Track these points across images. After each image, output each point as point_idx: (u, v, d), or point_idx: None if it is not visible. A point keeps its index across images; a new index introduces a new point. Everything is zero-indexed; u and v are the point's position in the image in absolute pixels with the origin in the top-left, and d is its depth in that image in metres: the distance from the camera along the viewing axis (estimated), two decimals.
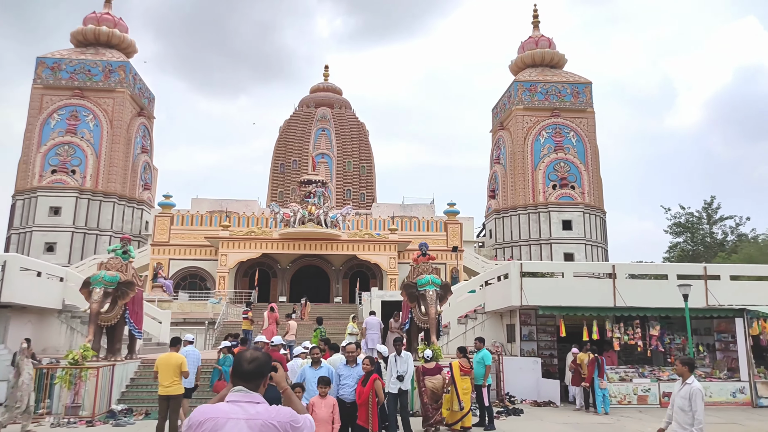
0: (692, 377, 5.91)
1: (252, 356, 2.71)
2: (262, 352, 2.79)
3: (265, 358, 2.74)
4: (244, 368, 2.65)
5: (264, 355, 2.75)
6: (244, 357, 2.71)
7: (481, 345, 10.96)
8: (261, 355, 2.74)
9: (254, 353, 2.74)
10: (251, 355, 2.73)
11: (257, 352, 2.75)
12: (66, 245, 38.40)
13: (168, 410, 8.61)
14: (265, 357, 2.74)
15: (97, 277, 13.05)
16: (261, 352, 2.77)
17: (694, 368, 6.06)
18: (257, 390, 2.67)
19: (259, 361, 2.69)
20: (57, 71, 42.97)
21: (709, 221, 40.07)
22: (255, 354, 2.74)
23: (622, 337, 13.80)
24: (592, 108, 49.27)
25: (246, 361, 2.67)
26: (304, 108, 54.46)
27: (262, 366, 2.68)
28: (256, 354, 2.74)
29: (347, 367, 7.59)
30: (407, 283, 13.84)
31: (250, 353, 2.74)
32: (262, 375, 2.68)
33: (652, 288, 14.81)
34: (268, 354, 2.83)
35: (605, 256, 46.86)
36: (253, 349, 2.87)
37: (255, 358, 2.70)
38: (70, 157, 40.74)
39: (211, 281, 35.29)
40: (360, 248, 35.28)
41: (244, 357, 2.71)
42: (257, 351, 2.79)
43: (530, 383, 13.82)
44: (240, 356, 2.73)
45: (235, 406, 2.57)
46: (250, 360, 2.68)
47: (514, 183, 47.18)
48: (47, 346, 16.66)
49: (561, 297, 14.32)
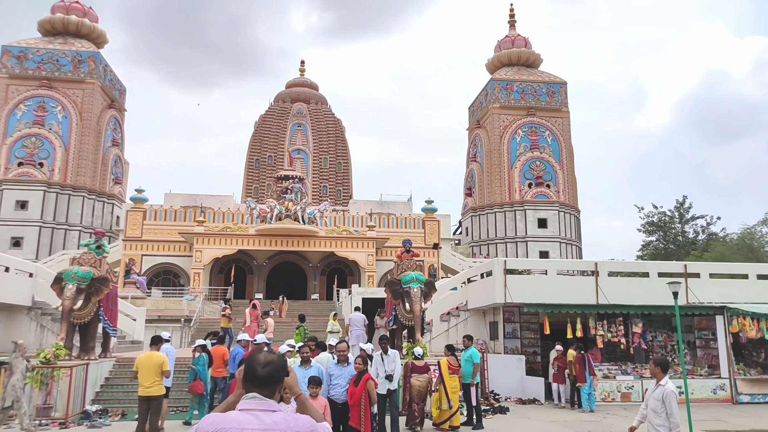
0: (666, 378, 5.77)
1: (266, 359, 2.45)
2: (277, 355, 2.52)
3: (281, 361, 2.48)
4: (257, 372, 2.38)
5: (279, 358, 2.49)
6: (258, 360, 2.44)
7: (469, 343, 10.84)
8: (276, 358, 2.47)
9: (268, 356, 2.47)
10: (265, 357, 2.46)
11: (271, 355, 2.49)
12: (33, 240, 37.13)
13: (149, 411, 8.24)
14: (280, 360, 2.48)
15: (69, 273, 12.51)
16: (275, 355, 2.51)
17: (668, 369, 5.91)
18: (272, 396, 2.40)
19: (274, 364, 2.43)
20: (23, 60, 41.46)
21: (681, 220, 40.94)
22: (269, 357, 2.47)
23: (605, 334, 13.86)
24: (567, 108, 49.84)
25: (260, 365, 2.40)
26: (280, 103, 53.75)
27: (277, 370, 2.42)
28: (270, 357, 2.47)
29: (338, 367, 7.34)
30: (391, 280, 13.66)
31: (263, 356, 2.47)
32: (278, 380, 2.42)
33: (634, 286, 14.94)
34: (283, 356, 2.56)
35: (579, 254, 47.55)
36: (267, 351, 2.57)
37: (269, 361, 2.44)
38: (38, 149, 39.39)
39: (185, 278, 34.55)
40: (338, 245, 34.99)
41: (257, 360, 2.44)
42: (271, 353, 2.53)
43: (514, 381, 13.79)
44: (252, 359, 2.46)
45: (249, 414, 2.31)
46: (264, 363, 2.41)
47: (491, 181, 47.43)
48: None
49: (545, 294, 14.32)
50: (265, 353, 2.49)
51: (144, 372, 8.19)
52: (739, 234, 33.21)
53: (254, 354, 2.49)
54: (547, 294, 14.31)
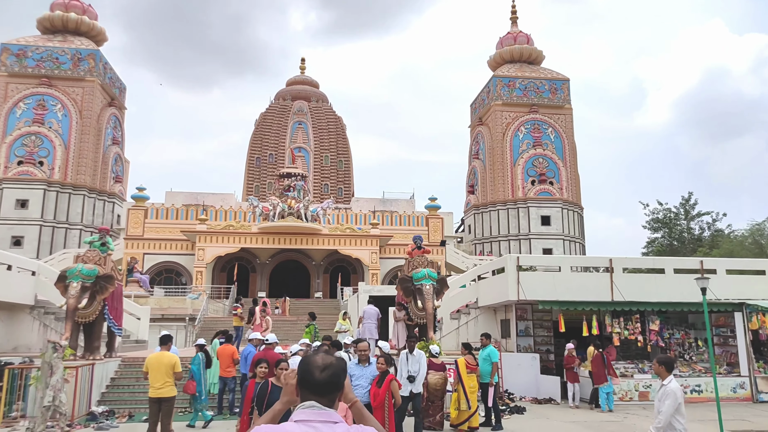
0: (670, 377, 5.52)
1: (324, 362, 2.12)
2: (336, 357, 2.20)
3: (340, 364, 2.16)
4: (315, 378, 2.07)
5: (339, 361, 2.17)
6: (314, 363, 2.12)
7: (487, 341, 10.52)
8: (335, 361, 2.15)
9: (326, 358, 2.15)
10: (323, 360, 2.13)
11: (329, 357, 2.17)
12: (34, 239, 36.80)
13: (159, 414, 7.94)
14: (339, 363, 2.16)
15: (73, 271, 12.20)
16: (334, 357, 2.19)
17: (672, 368, 5.66)
18: (332, 405, 2.09)
19: (333, 368, 2.11)
20: (23, 58, 41.08)
21: (687, 217, 40.67)
22: (327, 359, 2.14)
23: (621, 331, 13.57)
24: (570, 104, 49.52)
25: (317, 369, 2.09)
26: (281, 101, 53.40)
27: (337, 374, 2.11)
28: (328, 359, 2.15)
29: (359, 367, 7.00)
30: (402, 277, 13.36)
31: (321, 358, 2.15)
32: (339, 386, 2.12)
33: (649, 282, 14.63)
34: (342, 359, 2.24)
35: (583, 251, 47.27)
36: (324, 353, 2.22)
37: (328, 364, 2.12)
38: (38, 147, 39.02)
39: (187, 276, 34.24)
40: (341, 243, 34.69)
41: (313, 363, 2.12)
42: (328, 355, 2.20)
43: (529, 380, 13.50)
44: (308, 362, 2.13)
45: (306, 426, 2.00)
46: (323, 367, 2.10)
47: (494, 178, 47.14)
48: (18, 344, 15.66)
49: (559, 291, 14.01)
50: (323, 355, 2.16)
51: (155, 373, 7.88)
52: (748, 230, 32.93)
53: (310, 356, 2.17)
54: (561, 291, 14.00)
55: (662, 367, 5.55)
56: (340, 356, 2.27)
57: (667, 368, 5.54)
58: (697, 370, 13.62)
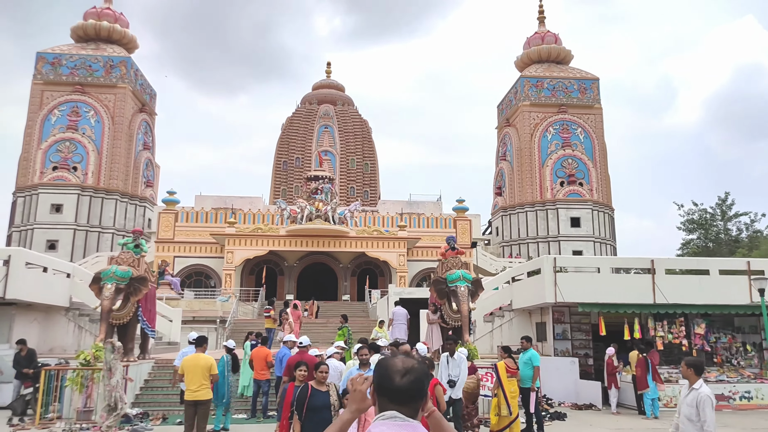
0: (700, 381, 5.04)
1: (405, 366, 1.86)
2: (417, 360, 1.94)
3: (423, 368, 1.90)
4: (396, 384, 1.81)
5: (420, 365, 1.90)
6: (394, 367, 1.86)
7: (528, 344, 10.16)
8: (416, 364, 1.89)
9: (407, 361, 1.89)
10: (403, 364, 1.87)
11: (410, 360, 1.91)
12: (68, 243, 37.58)
13: (195, 417, 7.81)
14: (422, 367, 1.90)
15: (108, 272, 12.24)
16: (415, 359, 1.93)
17: (702, 371, 5.19)
18: (416, 416, 1.84)
19: (415, 372, 1.85)
20: (57, 66, 42.08)
21: (723, 218, 39.42)
22: (408, 363, 1.88)
23: (665, 335, 13.04)
24: (600, 104, 48.59)
25: (397, 373, 1.83)
26: (307, 105, 53.62)
27: (420, 380, 1.85)
28: (409, 362, 1.88)
29: None
30: (436, 279, 13.07)
31: (401, 361, 1.88)
32: (422, 393, 1.85)
33: (693, 284, 14.05)
34: (424, 363, 1.97)
35: (614, 253, 46.24)
36: (404, 355, 1.97)
37: (409, 368, 1.85)
38: (72, 153, 39.88)
39: (216, 279, 34.50)
40: (368, 245, 34.52)
41: (393, 367, 1.86)
42: (408, 357, 1.93)
43: (568, 385, 13.06)
44: (387, 366, 1.87)
45: None
46: (404, 371, 1.84)
47: (521, 180, 46.48)
48: (54, 345, 15.85)
49: (598, 293, 13.56)
50: (403, 358, 1.91)
51: (191, 375, 7.75)
52: None
53: (388, 359, 1.90)
54: (600, 293, 13.54)
55: (691, 370, 5.10)
56: (423, 359, 1.96)
57: (696, 371, 5.09)
58: (745, 375, 13.00)
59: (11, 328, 13.96)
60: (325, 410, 5.72)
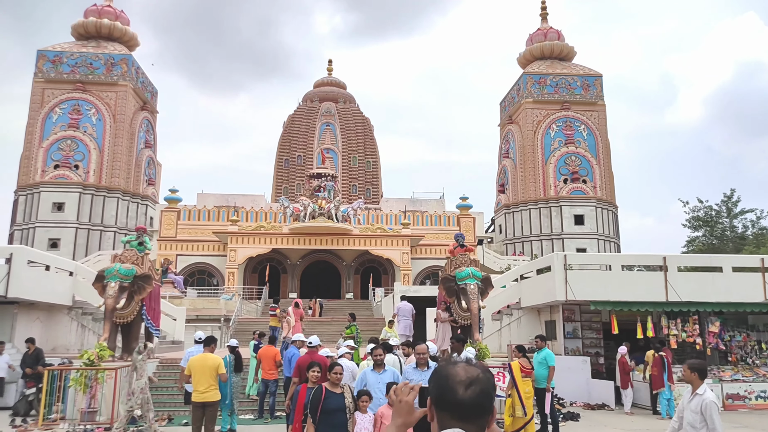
0: (704, 386, 4.69)
1: (469, 375, 1.56)
2: (481, 368, 1.64)
3: (489, 378, 1.61)
4: (460, 397, 1.53)
5: (486, 374, 1.61)
6: (456, 376, 1.56)
7: (542, 343, 9.93)
8: (481, 374, 1.59)
9: (470, 369, 1.59)
10: (466, 372, 1.57)
11: (473, 368, 1.61)
12: (70, 241, 37.38)
13: (203, 419, 7.59)
14: (488, 377, 1.60)
15: (111, 270, 12.03)
16: (479, 368, 1.63)
17: (705, 374, 4.84)
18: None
19: (481, 383, 1.56)
20: (58, 64, 41.84)
21: (729, 215, 39.09)
22: (472, 371, 1.58)
23: (679, 334, 12.81)
24: (603, 101, 48.29)
25: (461, 384, 1.54)
26: (308, 103, 53.37)
27: (488, 392, 1.56)
28: (473, 371, 1.58)
29: (418, 371, 6.50)
30: (445, 277, 12.84)
31: (463, 369, 1.58)
32: (490, 408, 1.57)
33: (707, 281, 13.81)
34: (489, 371, 1.69)
35: (618, 251, 45.96)
36: (466, 362, 1.66)
37: (474, 378, 1.56)
38: (73, 151, 39.66)
39: (219, 277, 34.30)
40: (372, 243, 34.31)
41: (455, 377, 1.56)
42: (470, 364, 1.63)
43: (579, 384, 12.83)
44: (447, 375, 1.58)
45: None
46: (468, 381, 1.54)
47: (525, 177, 46.23)
48: (57, 345, 15.65)
49: (609, 291, 13.33)
50: (464, 365, 1.61)
51: (198, 375, 7.53)
52: None
53: (447, 367, 1.61)
54: (612, 291, 13.31)
55: (695, 374, 4.70)
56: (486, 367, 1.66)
57: (700, 375, 4.71)
58: (761, 374, 12.77)
59: (13, 328, 13.76)
60: (340, 413, 5.50)
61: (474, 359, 9.23)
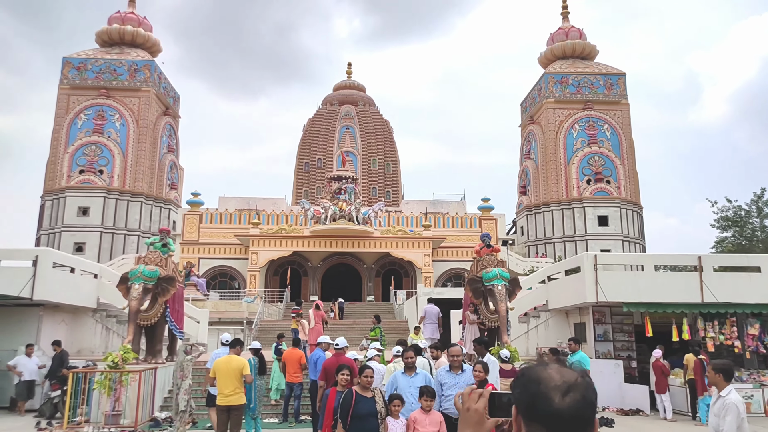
0: (729, 387, 4.30)
1: (566, 379, 1.31)
2: (578, 371, 1.38)
3: (589, 383, 1.34)
4: (556, 406, 1.27)
5: (585, 379, 1.34)
6: (550, 381, 1.31)
7: (576, 346, 9.61)
8: (579, 378, 1.33)
9: (566, 372, 1.33)
10: (562, 376, 1.32)
11: (569, 371, 1.35)
12: (95, 245, 37.87)
13: (228, 423, 7.41)
14: (587, 382, 1.34)
15: (135, 272, 11.99)
16: (575, 370, 1.38)
17: (731, 376, 4.43)
18: None
19: (580, 389, 1.30)
20: (83, 71, 42.51)
21: (759, 214, 37.96)
22: (569, 375, 1.33)
23: (716, 336, 12.31)
24: (627, 100, 47.40)
25: (557, 391, 1.28)
26: (328, 106, 53.41)
27: (591, 401, 1.30)
28: (570, 375, 1.33)
29: (451, 374, 6.22)
30: (472, 278, 12.55)
31: (557, 373, 1.33)
32: (592, 420, 1.30)
33: (744, 282, 13.28)
34: (587, 373, 1.42)
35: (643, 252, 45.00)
36: (559, 364, 1.41)
37: (572, 383, 1.30)
38: (98, 157, 40.23)
39: (240, 280, 34.39)
40: (393, 245, 34.07)
41: (549, 381, 1.31)
42: (564, 366, 1.38)
43: (612, 388, 12.40)
44: (539, 379, 1.33)
45: None
46: (565, 388, 1.29)
47: (546, 178, 45.57)
48: (82, 347, 15.70)
49: (642, 292, 12.88)
50: (558, 368, 1.36)
51: (224, 378, 7.35)
52: None
53: (538, 370, 1.36)
54: (644, 292, 12.86)
55: (719, 376, 4.34)
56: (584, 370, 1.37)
57: (725, 377, 4.34)
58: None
59: (39, 330, 13.81)
60: (372, 418, 5.26)
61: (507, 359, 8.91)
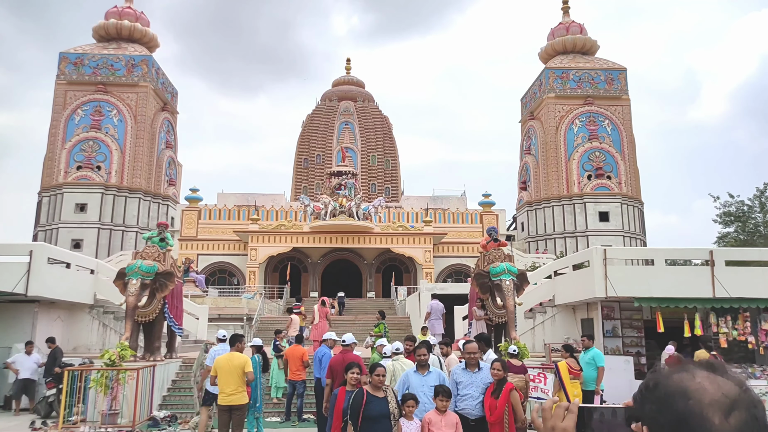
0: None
1: (726, 392, 1.02)
2: (736, 380, 1.06)
3: (753, 397, 1.04)
4: (715, 430, 0.97)
5: (747, 391, 1.05)
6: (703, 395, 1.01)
7: (590, 342, 9.29)
8: (743, 392, 1.04)
9: (723, 383, 1.04)
10: (720, 388, 1.03)
11: (725, 380, 1.05)
12: (92, 242, 37.48)
13: (230, 423, 7.09)
14: (752, 397, 1.04)
15: (133, 267, 11.64)
16: (733, 380, 1.06)
17: None
18: None
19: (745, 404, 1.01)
20: (80, 66, 42.05)
21: (762, 209, 37.75)
22: (727, 387, 1.03)
23: (729, 332, 12.03)
24: (628, 95, 47.08)
25: (717, 409, 0.99)
26: (327, 102, 53.02)
27: (762, 423, 1.00)
28: (729, 388, 1.03)
29: (467, 373, 5.87)
30: (478, 272, 12.24)
31: (711, 383, 1.04)
32: None
33: (757, 276, 12.98)
34: (747, 385, 1.07)
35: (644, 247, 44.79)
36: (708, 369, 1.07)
37: (735, 398, 1.01)
38: (95, 152, 39.80)
39: (240, 276, 34.07)
40: (393, 241, 33.75)
41: (702, 394, 1.01)
42: (716, 373, 1.07)
43: (622, 385, 12.06)
44: (686, 392, 1.02)
45: None
46: (729, 404, 1.00)
47: (547, 174, 45.28)
48: (78, 344, 15.37)
49: (652, 287, 12.58)
50: (708, 375, 1.05)
51: (225, 376, 7.02)
52: None
53: (681, 378, 1.05)
54: (655, 287, 12.56)
55: None
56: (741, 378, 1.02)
57: None
58: None
59: (34, 326, 13.47)
60: (384, 419, 4.94)
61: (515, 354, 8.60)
